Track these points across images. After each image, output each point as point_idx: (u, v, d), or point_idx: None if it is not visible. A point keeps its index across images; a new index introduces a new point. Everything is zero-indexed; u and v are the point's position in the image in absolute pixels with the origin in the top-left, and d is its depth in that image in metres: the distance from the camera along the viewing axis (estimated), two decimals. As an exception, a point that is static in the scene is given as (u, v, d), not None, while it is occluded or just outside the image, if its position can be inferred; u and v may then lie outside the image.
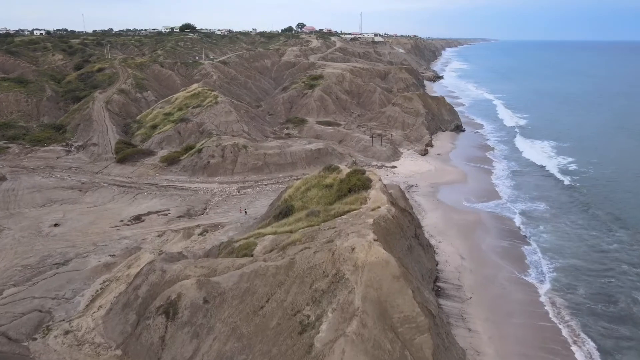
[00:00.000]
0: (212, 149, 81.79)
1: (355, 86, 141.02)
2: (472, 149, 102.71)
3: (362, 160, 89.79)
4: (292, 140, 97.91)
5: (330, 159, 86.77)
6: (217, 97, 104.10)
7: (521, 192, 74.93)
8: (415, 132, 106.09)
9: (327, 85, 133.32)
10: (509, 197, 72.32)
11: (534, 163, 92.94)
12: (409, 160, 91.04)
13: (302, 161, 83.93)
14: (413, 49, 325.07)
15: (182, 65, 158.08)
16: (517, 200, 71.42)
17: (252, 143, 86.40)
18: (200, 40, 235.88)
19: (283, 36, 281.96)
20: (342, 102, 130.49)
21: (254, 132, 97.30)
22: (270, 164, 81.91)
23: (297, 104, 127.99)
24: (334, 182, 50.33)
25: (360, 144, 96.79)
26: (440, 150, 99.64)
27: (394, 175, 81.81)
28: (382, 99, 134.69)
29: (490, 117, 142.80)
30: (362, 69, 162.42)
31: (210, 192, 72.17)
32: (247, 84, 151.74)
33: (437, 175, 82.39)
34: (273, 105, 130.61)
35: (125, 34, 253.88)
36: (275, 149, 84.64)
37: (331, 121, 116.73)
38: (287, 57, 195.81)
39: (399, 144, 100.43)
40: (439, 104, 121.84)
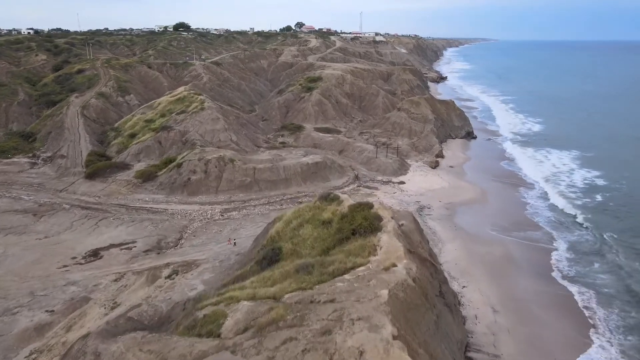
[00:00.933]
0: (193, 164, 70.80)
1: (357, 89, 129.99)
2: (489, 160, 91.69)
3: (365, 175, 78.78)
4: (286, 150, 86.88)
5: (329, 173, 75.80)
6: (203, 102, 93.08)
7: (556, 214, 63.87)
8: (423, 140, 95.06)
9: (326, 87, 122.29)
10: (544, 222, 61.19)
11: (560, 175, 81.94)
12: (418, 174, 80.00)
13: (297, 177, 72.95)
14: (415, 48, 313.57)
15: (171, 66, 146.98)
16: (553, 225, 60.25)
17: (241, 156, 75.37)
18: (194, 40, 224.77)
19: (281, 36, 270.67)
20: (342, 107, 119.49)
21: (243, 141, 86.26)
22: (261, 181, 70.92)
23: (294, 108, 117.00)
24: (333, 217, 39.32)
25: (363, 154, 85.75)
26: (453, 162, 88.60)
27: (403, 194, 70.82)
28: (386, 103, 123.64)
29: (502, 122, 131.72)
30: (364, 69, 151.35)
31: (188, 216, 61.18)
32: (240, 86, 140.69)
33: (452, 193, 71.40)
34: (267, 110, 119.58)
35: (117, 34, 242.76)
36: (267, 162, 73.62)
37: (330, 128, 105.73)
38: (284, 57, 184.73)
39: (406, 155, 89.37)
40: (449, 109, 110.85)
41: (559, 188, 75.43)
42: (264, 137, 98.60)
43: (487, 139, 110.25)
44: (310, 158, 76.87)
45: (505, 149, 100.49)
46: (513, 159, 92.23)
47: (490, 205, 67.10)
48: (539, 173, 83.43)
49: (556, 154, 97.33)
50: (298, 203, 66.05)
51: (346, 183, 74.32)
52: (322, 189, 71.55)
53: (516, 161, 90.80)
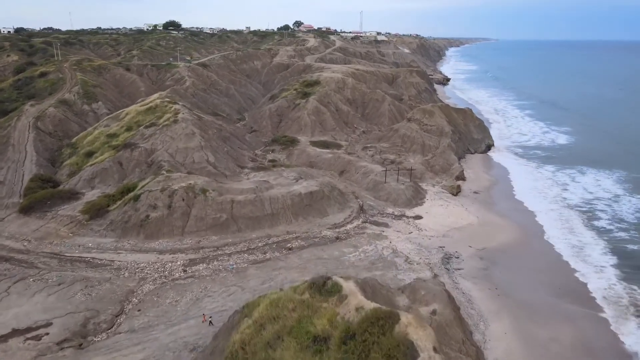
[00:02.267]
0: (154, 196, 54.96)
1: (359, 94, 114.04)
2: (522, 181, 75.82)
3: (372, 206, 62.94)
4: (276, 172, 70.97)
5: (328, 205, 59.94)
6: (178, 112, 77.18)
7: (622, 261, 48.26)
8: (439, 158, 79.18)
9: (325, 93, 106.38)
10: (622, 278, 45.52)
11: (601, 203, 66.25)
12: (437, 204, 64.13)
13: (287, 211, 57.10)
14: (419, 48, 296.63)
15: (152, 68, 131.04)
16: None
17: (217, 183, 59.47)
18: (184, 39, 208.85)
19: (278, 35, 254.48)
20: (343, 115, 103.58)
21: (223, 162, 70.30)
22: (240, 218, 55.08)
23: (287, 117, 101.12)
24: (331, 330, 23.55)
25: (369, 178, 69.86)
26: (477, 186, 72.74)
27: (421, 234, 54.99)
28: (392, 111, 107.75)
29: (524, 133, 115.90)
30: (366, 72, 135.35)
31: (139, 272, 45.39)
32: (229, 90, 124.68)
33: (484, 233, 55.60)
34: (257, 119, 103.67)
35: (103, 33, 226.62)
36: (249, 193, 57.69)
37: (329, 141, 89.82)
38: (279, 58, 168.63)
39: (420, 177, 73.52)
40: (466, 119, 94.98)
41: (611, 227, 59.69)
42: (251, 153, 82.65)
43: (512, 153, 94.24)
44: (303, 186, 60.94)
45: (536, 167, 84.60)
46: (546, 182, 76.38)
47: (536, 252, 51.31)
48: (578, 199, 67.85)
49: (592, 174, 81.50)
50: (286, 251, 50.38)
51: (349, 218, 58.50)
52: (318, 227, 55.85)
53: (554, 186, 74.88)
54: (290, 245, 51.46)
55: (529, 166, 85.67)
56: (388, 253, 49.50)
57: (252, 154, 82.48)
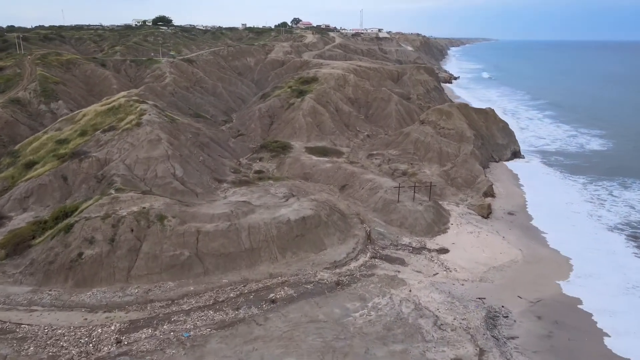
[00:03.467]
0: (92, 225, 40.60)
1: (362, 93, 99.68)
2: (559, 198, 61.45)
3: (382, 233, 48.53)
4: (261, 188, 56.60)
5: (325, 234, 45.59)
6: (143, 113, 62.82)
7: None
8: (461, 168, 64.81)
9: (323, 91, 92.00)
10: None
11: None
12: (465, 230, 49.72)
13: (271, 245, 42.74)
14: (422, 46, 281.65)
15: (131, 64, 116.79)
16: None
17: (181, 206, 45.07)
18: (174, 35, 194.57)
19: (275, 32, 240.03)
20: (343, 117, 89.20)
21: (195, 175, 55.83)
22: (208, 255, 40.74)
23: (280, 119, 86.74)
24: None
25: (378, 195, 55.39)
26: (510, 204, 58.40)
27: (449, 277, 40.62)
28: (400, 111, 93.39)
29: (542, 136, 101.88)
30: (369, 68, 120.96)
31: (51, 346, 31.04)
32: (216, 89, 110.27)
33: (534, 273, 41.29)
34: (245, 121, 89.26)
35: (87, 28, 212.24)
36: (221, 220, 43.26)
37: (328, 147, 75.45)
38: (274, 54, 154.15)
39: (440, 194, 59.15)
40: (488, 120, 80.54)
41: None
42: (234, 162, 68.24)
43: (542, 160, 80.00)
44: (294, 209, 46.46)
45: (574, 178, 70.27)
46: (593, 199, 62.05)
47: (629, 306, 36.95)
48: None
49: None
50: (268, 304, 36.08)
51: (352, 253, 44.10)
52: (312, 267, 41.57)
53: (602, 201, 60.55)
54: (273, 296, 37.05)
55: (568, 178, 71.33)
56: (409, 310, 35.11)
57: (236, 163, 68.08)
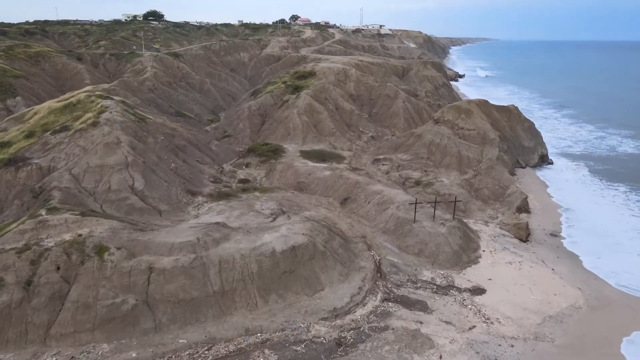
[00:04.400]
0: (2, 263, 29.48)
1: (365, 88, 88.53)
2: (607, 211, 50.26)
3: (395, 264, 37.36)
4: (245, 201, 45.48)
5: (322, 268, 34.49)
6: (103, 110, 51.68)
7: None
8: (487, 177, 53.65)
9: (321, 87, 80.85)
10: None
11: None
12: (502, 260, 38.53)
13: (249, 286, 31.61)
14: (425, 43, 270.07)
15: (111, 57, 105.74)
16: None
17: (130, 233, 33.92)
18: (165, 30, 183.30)
19: (272, 28, 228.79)
20: (344, 115, 78.04)
21: (161, 188, 44.62)
22: (162, 303, 29.63)
23: (272, 118, 75.62)
24: None
25: (388, 212, 44.15)
26: (549, 222, 47.25)
27: (492, 331, 29.50)
28: (409, 110, 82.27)
29: (570, 137, 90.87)
30: (372, 63, 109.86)
31: None
32: (203, 85, 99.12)
33: (608, 324, 30.25)
34: (233, 121, 78.04)
35: (73, 23, 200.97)
36: (183, 252, 32.10)
37: (327, 151, 64.34)
38: (270, 49, 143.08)
39: (464, 209, 47.98)
40: (512, 120, 69.35)
41: None
42: (215, 169, 57.03)
43: (575, 166, 68.87)
44: (282, 235, 35.25)
45: (615, 188, 59.12)
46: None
47: None
48: None
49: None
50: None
51: (358, 295, 33.00)
52: (304, 317, 30.56)
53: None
54: (248, 367, 26.00)
55: (607, 186, 60.21)
56: (443, 393, 24.02)
57: (217, 170, 56.91)
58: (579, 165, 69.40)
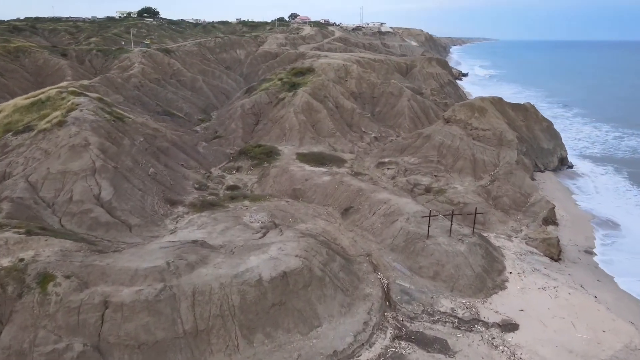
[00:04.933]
0: None
1: (368, 86, 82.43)
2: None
3: (407, 290, 31.20)
4: (231, 213, 39.39)
5: (319, 297, 28.30)
6: (73, 108, 45.60)
7: None
8: (506, 183, 47.53)
9: (320, 84, 74.73)
10: None
11: None
12: (533, 284, 32.36)
13: (230, 324, 25.44)
14: (427, 41, 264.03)
15: (98, 53, 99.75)
16: None
17: (88, 254, 27.81)
18: (159, 27, 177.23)
19: (270, 25, 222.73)
20: (345, 114, 71.94)
21: (134, 198, 38.48)
22: (118, 348, 23.42)
23: (267, 117, 69.49)
24: None
25: (396, 225, 37.95)
26: (580, 234, 41.16)
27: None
28: (414, 109, 76.18)
29: (586, 137, 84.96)
30: (374, 60, 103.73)
31: None
32: (195, 83, 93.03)
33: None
34: (225, 120, 71.87)
35: (66, 20, 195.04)
36: (148, 280, 25.92)
37: (326, 154, 58.21)
38: (267, 46, 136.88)
39: (483, 220, 41.81)
40: (528, 119, 63.26)
41: None
42: (201, 174, 50.92)
43: (603, 171, 62.77)
44: (270, 259, 29.09)
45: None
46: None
47: None
48: None
49: None
50: None
51: (364, 332, 26.83)
52: (299, 362, 24.26)
53: None
54: None
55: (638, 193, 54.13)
56: None
57: (204, 176, 50.79)
58: (603, 168, 63.33)
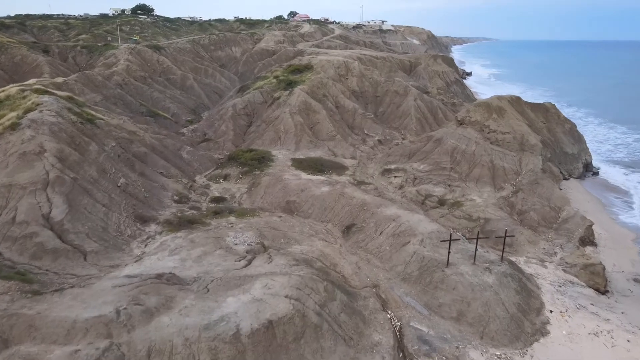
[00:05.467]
0: None
1: (370, 84, 76.04)
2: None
3: (425, 339, 24.79)
4: (213, 232, 32.98)
5: (315, 350, 21.76)
6: (31, 109, 39.22)
7: None
8: (532, 195, 41.16)
9: (319, 82, 68.36)
10: None
11: None
12: (582, 329, 26.03)
13: (195, 398, 19.11)
14: (429, 40, 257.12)
15: (83, 50, 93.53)
16: None
17: (16, 297, 21.43)
18: (153, 25, 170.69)
19: (269, 23, 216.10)
20: (346, 115, 65.57)
21: (92, 217, 32.08)
22: None
23: (261, 118, 63.11)
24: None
25: (408, 248, 31.55)
26: (623, 257, 34.84)
27: None
28: (421, 109, 69.79)
29: (606, 140, 78.59)
30: (376, 57, 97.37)
31: None
32: (185, 81, 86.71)
33: None
34: (215, 121, 65.47)
35: (57, 18, 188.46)
36: (89, 337, 19.54)
37: (325, 159, 51.83)
38: (264, 43, 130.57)
39: (510, 243, 35.40)
40: (549, 120, 56.81)
41: None
42: (183, 184, 44.54)
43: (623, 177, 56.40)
44: (253, 301, 22.76)
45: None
46: None
47: None
48: None
49: None
50: None
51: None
52: None
53: None
54: None
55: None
56: None
57: (186, 185, 44.41)
58: (633, 174, 56.97)
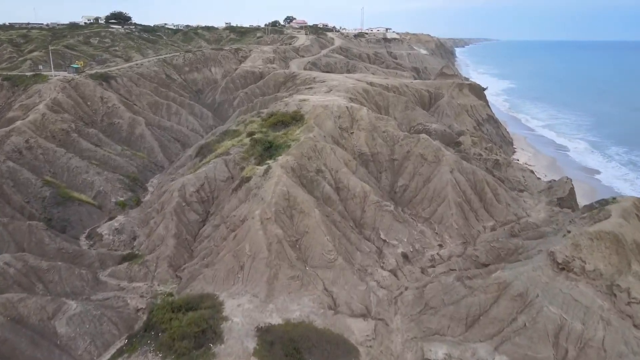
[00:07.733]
0: None
1: (383, 141, 52.61)
2: None
3: None
4: None
5: None
6: None
7: None
8: None
9: (312, 147, 45.03)
10: None
11: None
12: None
13: None
14: (438, 49, 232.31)
15: (4, 83, 70.34)
16: None
17: None
18: (127, 36, 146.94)
19: (262, 31, 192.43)
20: (352, 205, 42.06)
21: None
22: None
23: (220, 214, 39.82)
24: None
25: None
26: None
27: None
28: (462, 188, 46.37)
29: None
30: (387, 87, 74.20)
31: None
32: (134, 128, 63.55)
33: None
34: (151, 214, 42.19)
35: (18, 28, 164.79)
36: None
37: (318, 330, 28.55)
38: (250, 62, 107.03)
39: None
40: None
41: None
42: None
43: None
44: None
45: None
46: None
47: None
48: None
49: None
50: None
51: None
52: None
53: None
54: None
55: None
56: None
57: None
58: None
